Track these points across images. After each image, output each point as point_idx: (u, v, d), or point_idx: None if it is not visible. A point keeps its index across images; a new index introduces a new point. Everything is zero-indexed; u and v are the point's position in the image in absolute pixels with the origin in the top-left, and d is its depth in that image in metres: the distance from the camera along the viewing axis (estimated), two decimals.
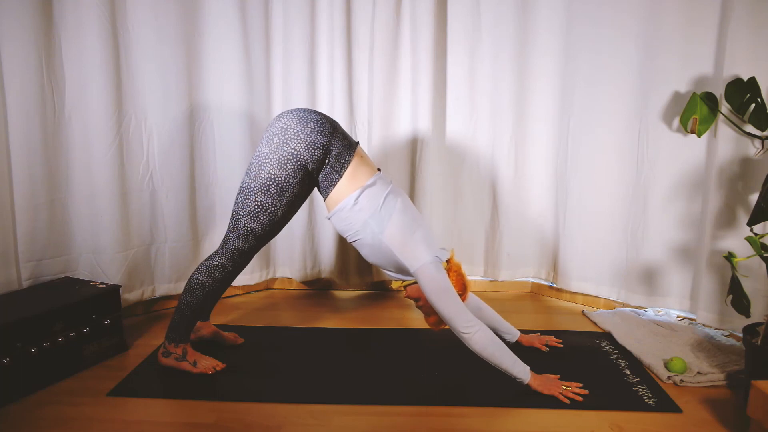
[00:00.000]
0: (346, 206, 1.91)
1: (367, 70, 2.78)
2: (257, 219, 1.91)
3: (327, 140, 1.89)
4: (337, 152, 1.92)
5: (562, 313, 2.74)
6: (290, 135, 1.87)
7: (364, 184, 1.92)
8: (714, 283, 2.34)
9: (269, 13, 2.74)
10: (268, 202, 1.89)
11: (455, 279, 1.95)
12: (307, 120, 1.89)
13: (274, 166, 1.87)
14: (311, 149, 1.87)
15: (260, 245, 2.00)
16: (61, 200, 2.36)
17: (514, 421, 1.76)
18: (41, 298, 2.11)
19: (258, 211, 1.90)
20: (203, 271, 1.98)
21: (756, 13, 2.15)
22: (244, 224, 1.92)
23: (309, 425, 1.72)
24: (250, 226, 1.92)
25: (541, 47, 2.71)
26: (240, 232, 1.93)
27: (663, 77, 2.43)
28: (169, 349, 2.02)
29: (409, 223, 1.92)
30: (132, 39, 2.40)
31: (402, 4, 2.73)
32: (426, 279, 1.86)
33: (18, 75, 2.17)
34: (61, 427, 1.70)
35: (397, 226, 1.90)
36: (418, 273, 1.87)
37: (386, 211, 1.91)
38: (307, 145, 1.87)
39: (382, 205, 1.91)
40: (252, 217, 1.90)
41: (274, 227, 1.97)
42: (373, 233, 1.90)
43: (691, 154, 2.44)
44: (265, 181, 1.88)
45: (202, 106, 2.65)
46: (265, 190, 1.88)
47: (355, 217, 1.91)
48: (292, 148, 1.86)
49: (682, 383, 1.97)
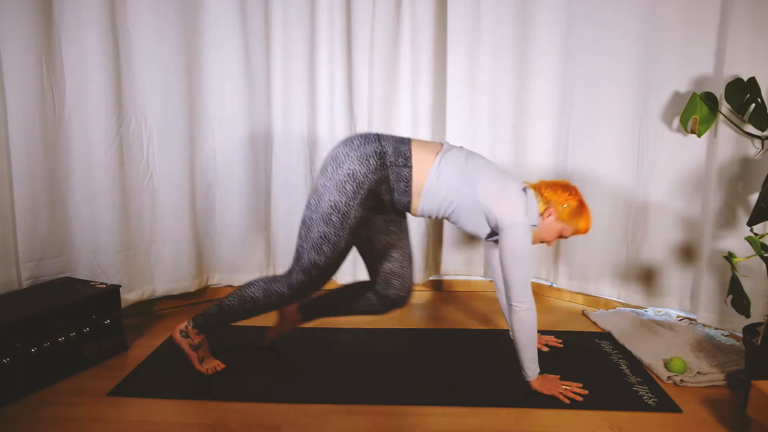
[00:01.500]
0: (431, 182, 1.82)
1: (367, 71, 2.78)
2: (321, 251, 1.81)
3: (376, 146, 1.81)
4: (394, 150, 1.82)
5: (562, 313, 2.74)
6: (341, 158, 1.80)
7: (438, 152, 1.86)
8: (714, 283, 2.34)
9: (269, 13, 2.74)
10: (331, 232, 1.79)
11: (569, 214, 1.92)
12: (351, 140, 1.85)
13: (333, 192, 1.78)
14: (365, 161, 1.79)
15: (323, 279, 1.92)
16: (61, 200, 2.36)
17: (514, 421, 1.76)
18: (41, 298, 2.11)
19: (321, 242, 1.81)
20: (262, 288, 1.92)
21: (756, 13, 2.15)
22: (307, 257, 1.83)
23: (309, 425, 1.72)
24: (314, 259, 1.83)
25: (541, 47, 2.71)
26: (303, 265, 1.85)
27: (663, 77, 2.43)
28: (190, 332, 1.99)
29: (499, 178, 1.88)
30: (132, 39, 2.40)
31: (402, 4, 2.73)
32: (511, 238, 1.80)
33: (18, 75, 2.17)
34: (61, 427, 1.70)
35: (489, 182, 1.84)
36: (507, 229, 1.81)
37: (471, 171, 1.85)
38: (360, 159, 1.79)
39: (464, 166, 1.85)
40: (315, 250, 1.82)
41: (338, 258, 1.88)
42: (465, 196, 1.83)
43: (691, 154, 2.44)
44: (326, 209, 1.78)
45: (202, 106, 2.65)
46: (327, 220, 1.79)
47: (443, 188, 1.83)
48: (346, 169, 1.78)
49: (682, 383, 1.97)
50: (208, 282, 2.83)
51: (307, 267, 1.85)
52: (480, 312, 2.69)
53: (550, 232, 1.95)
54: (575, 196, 1.94)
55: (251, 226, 2.82)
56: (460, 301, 2.87)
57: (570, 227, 1.95)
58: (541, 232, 1.95)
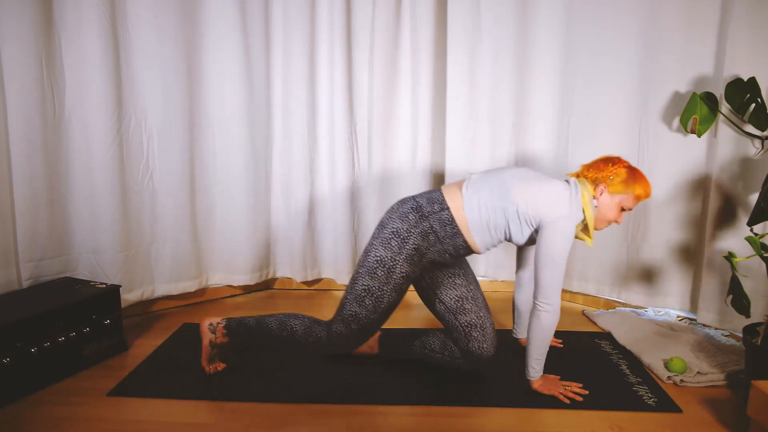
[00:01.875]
0: (471, 214, 1.84)
1: (367, 71, 2.78)
2: (363, 304, 1.82)
3: (412, 203, 1.88)
4: (427, 200, 1.87)
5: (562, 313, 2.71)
6: (385, 221, 1.89)
7: (464, 186, 1.88)
8: (714, 283, 2.34)
9: (269, 13, 2.74)
10: (375, 285, 1.82)
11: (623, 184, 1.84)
12: (391, 206, 1.93)
13: (379, 248, 1.83)
14: (405, 218, 1.84)
15: (362, 335, 1.88)
16: (61, 200, 2.36)
17: (515, 421, 1.76)
18: (41, 298, 2.11)
19: (364, 295, 1.82)
20: (304, 325, 1.91)
21: (756, 13, 2.15)
22: (349, 308, 1.84)
23: (309, 425, 1.72)
24: (355, 311, 1.83)
25: (541, 47, 2.71)
26: (344, 316, 1.85)
27: (663, 77, 2.43)
28: (218, 330, 1.98)
29: (535, 179, 1.86)
30: (132, 39, 2.40)
31: (402, 4, 2.73)
32: (548, 236, 1.78)
33: (18, 75, 2.17)
34: (62, 427, 1.70)
35: (523, 188, 1.82)
36: (546, 227, 1.78)
37: (501, 186, 1.84)
38: (400, 217, 1.85)
39: (493, 184, 1.85)
40: (358, 302, 1.82)
41: (380, 316, 1.86)
42: (506, 211, 1.82)
43: (691, 154, 2.44)
44: (371, 263, 1.83)
45: (202, 106, 2.65)
46: (372, 273, 1.82)
47: (484, 214, 1.83)
48: (390, 228, 1.85)
49: (682, 383, 1.97)
50: (208, 282, 2.83)
51: (348, 318, 1.84)
52: None
53: (609, 209, 1.86)
54: (620, 163, 1.87)
55: (251, 226, 2.82)
56: None
57: (628, 196, 1.85)
58: (602, 213, 1.87)
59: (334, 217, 2.90)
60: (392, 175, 2.87)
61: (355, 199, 2.92)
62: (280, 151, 2.86)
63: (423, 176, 2.86)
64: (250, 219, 2.81)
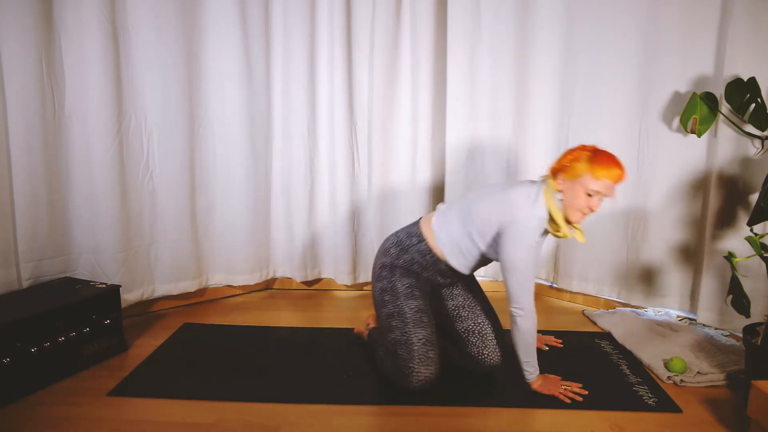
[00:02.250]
0: (441, 242, 1.93)
1: (367, 71, 2.78)
2: (391, 327, 1.90)
3: (393, 238, 2.05)
4: (406, 234, 2.01)
5: (562, 313, 2.74)
6: (374, 262, 2.08)
7: (433, 218, 1.99)
8: (714, 283, 2.34)
9: (269, 13, 2.74)
10: (389, 308, 1.92)
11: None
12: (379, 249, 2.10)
13: (376, 284, 2.01)
14: (388, 252, 2.01)
15: (412, 353, 1.83)
16: (61, 200, 2.36)
17: (514, 421, 1.76)
18: (41, 298, 2.11)
19: (389, 321, 1.92)
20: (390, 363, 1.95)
21: (756, 14, 2.15)
22: (388, 340, 1.92)
23: (309, 425, 1.72)
24: (391, 338, 1.89)
25: (541, 47, 2.71)
26: (389, 349, 1.92)
27: (663, 77, 2.43)
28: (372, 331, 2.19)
29: (500, 190, 1.88)
30: (132, 39, 2.40)
31: (402, 4, 2.73)
32: (506, 240, 1.78)
33: (18, 75, 2.17)
34: (61, 427, 1.70)
35: (487, 201, 1.87)
36: (503, 233, 1.79)
37: (467, 206, 1.91)
38: (384, 252, 2.03)
39: (460, 208, 1.94)
40: (388, 329, 1.91)
41: (414, 326, 1.87)
42: (474, 231, 1.87)
43: (691, 154, 2.44)
44: (377, 297, 1.99)
45: (202, 106, 2.65)
46: (381, 303, 1.96)
47: (453, 239, 1.92)
48: (378, 264, 2.03)
49: (682, 383, 1.97)
50: (208, 282, 2.83)
51: (392, 349, 1.89)
52: None
53: (574, 196, 1.77)
54: (583, 150, 1.79)
55: (251, 226, 2.82)
56: None
57: (586, 177, 1.74)
58: (568, 202, 1.79)
59: (334, 216, 2.90)
60: (392, 175, 2.87)
61: (355, 199, 2.92)
62: (280, 151, 2.86)
63: (423, 177, 2.87)
64: (250, 219, 2.81)
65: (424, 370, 1.80)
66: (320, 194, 2.91)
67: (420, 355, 1.81)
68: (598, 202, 1.77)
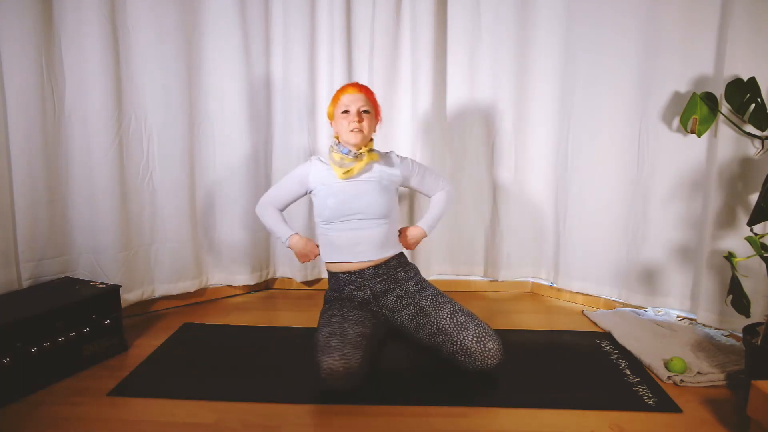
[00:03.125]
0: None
1: (367, 71, 2.78)
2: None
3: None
4: None
5: (562, 312, 2.74)
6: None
7: None
8: (714, 283, 2.34)
9: (269, 13, 2.74)
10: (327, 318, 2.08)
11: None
12: None
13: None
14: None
15: (321, 340, 1.90)
16: (61, 200, 2.36)
17: (514, 421, 1.76)
18: (41, 298, 2.11)
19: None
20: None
21: (756, 14, 2.15)
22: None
23: (309, 425, 1.72)
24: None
25: (541, 47, 2.71)
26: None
27: (663, 77, 2.43)
28: None
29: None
30: (132, 39, 2.40)
31: (402, 4, 2.73)
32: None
33: (18, 75, 2.17)
34: (61, 427, 1.70)
35: None
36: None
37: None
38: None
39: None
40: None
41: (325, 326, 1.98)
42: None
43: (691, 154, 2.44)
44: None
45: (202, 106, 2.65)
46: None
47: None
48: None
49: (682, 383, 1.97)
50: (208, 282, 2.83)
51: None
52: (481, 312, 2.68)
53: (339, 126, 2.11)
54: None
55: (251, 226, 2.82)
56: (460, 301, 2.87)
57: (334, 105, 2.13)
58: (340, 134, 2.12)
59: None
60: None
61: None
62: (280, 150, 2.86)
63: None
64: (250, 219, 2.81)
65: (326, 358, 1.77)
66: None
67: (322, 346, 1.83)
68: (356, 115, 2.06)
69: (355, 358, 1.79)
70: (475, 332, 1.91)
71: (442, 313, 2.00)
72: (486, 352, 1.88)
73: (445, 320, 1.97)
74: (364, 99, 2.09)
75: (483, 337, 1.90)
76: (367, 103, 2.09)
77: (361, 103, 2.07)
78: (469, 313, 2.01)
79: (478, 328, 1.92)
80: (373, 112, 2.12)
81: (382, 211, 2.09)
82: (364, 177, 2.12)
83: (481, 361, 1.89)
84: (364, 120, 2.07)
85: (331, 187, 2.12)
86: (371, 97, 2.14)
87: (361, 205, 2.07)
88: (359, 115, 2.06)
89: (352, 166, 2.08)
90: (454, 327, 1.94)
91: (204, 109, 2.66)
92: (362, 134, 2.06)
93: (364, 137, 2.09)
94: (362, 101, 2.08)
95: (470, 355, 1.90)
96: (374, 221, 2.09)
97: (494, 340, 1.91)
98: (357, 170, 2.09)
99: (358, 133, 2.05)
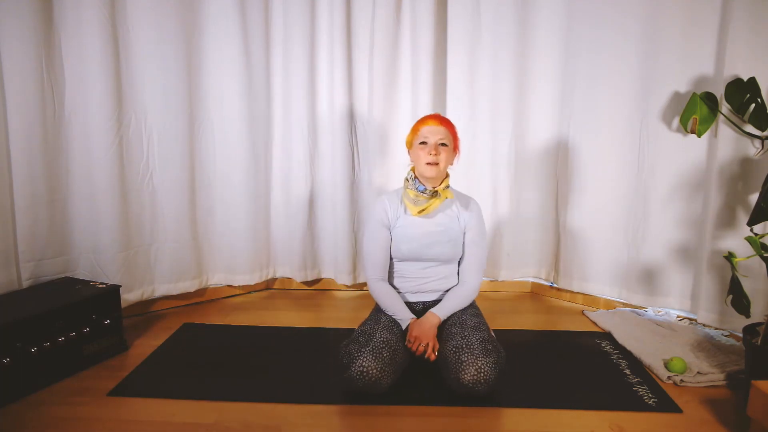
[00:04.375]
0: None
1: (367, 71, 2.78)
2: (363, 323, 2.06)
3: None
4: None
5: (562, 313, 2.74)
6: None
7: None
8: (714, 283, 2.34)
9: (269, 13, 2.74)
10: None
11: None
12: None
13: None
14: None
15: (376, 341, 1.89)
16: (61, 200, 2.36)
17: (514, 421, 1.76)
18: (41, 298, 2.11)
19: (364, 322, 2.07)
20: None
21: (756, 14, 2.15)
22: (357, 329, 2.03)
23: (309, 425, 1.72)
24: (360, 329, 2.04)
25: (542, 47, 2.71)
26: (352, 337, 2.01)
27: (663, 77, 2.43)
28: None
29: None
30: (132, 39, 2.40)
31: (402, 4, 2.73)
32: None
33: (18, 75, 2.17)
34: (61, 427, 1.70)
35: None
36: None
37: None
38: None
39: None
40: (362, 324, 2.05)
41: (386, 330, 1.98)
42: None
43: (691, 154, 2.44)
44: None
45: (202, 106, 2.65)
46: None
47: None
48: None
49: (682, 383, 1.97)
50: (208, 282, 2.83)
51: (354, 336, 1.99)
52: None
53: (416, 157, 2.05)
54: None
55: (251, 226, 2.82)
56: None
57: (413, 136, 2.07)
58: (416, 165, 2.07)
59: (334, 217, 2.89)
60: (392, 175, 2.87)
61: (355, 199, 2.92)
62: (280, 150, 2.86)
63: None
64: (250, 219, 2.81)
65: (371, 362, 1.77)
66: (320, 194, 2.91)
67: (374, 348, 1.83)
68: (433, 148, 2.00)
69: (392, 369, 1.83)
70: (472, 375, 1.77)
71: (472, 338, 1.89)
72: (472, 391, 1.79)
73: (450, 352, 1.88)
74: (444, 132, 2.03)
75: (478, 381, 1.77)
76: (447, 137, 2.03)
77: (440, 136, 2.01)
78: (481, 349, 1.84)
79: (478, 374, 1.77)
80: (451, 146, 2.06)
81: (451, 257, 2.11)
82: (437, 220, 2.08)
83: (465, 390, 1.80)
84: (441, 153, 2.01)
85: (405, 230, 2.08)
86: (452, 130, 2.08)
87: (432, 254, 2.07)
88: (436, 149, 2.00)
89: (426, 204, 2.03)
90: (455, 361, 1.83)
91: (204, 109, 2.66)
92: (437, 168, 2.00)
93: (440, 171, 2.02)
94: (442, 134, 2.02)
95: (459, 383, 1.80)
96: (443, 264, 2.11)
97: (488, 384, 1.78)
98: (431, 209, 2.04)
99: (434, 166, 2.00)
